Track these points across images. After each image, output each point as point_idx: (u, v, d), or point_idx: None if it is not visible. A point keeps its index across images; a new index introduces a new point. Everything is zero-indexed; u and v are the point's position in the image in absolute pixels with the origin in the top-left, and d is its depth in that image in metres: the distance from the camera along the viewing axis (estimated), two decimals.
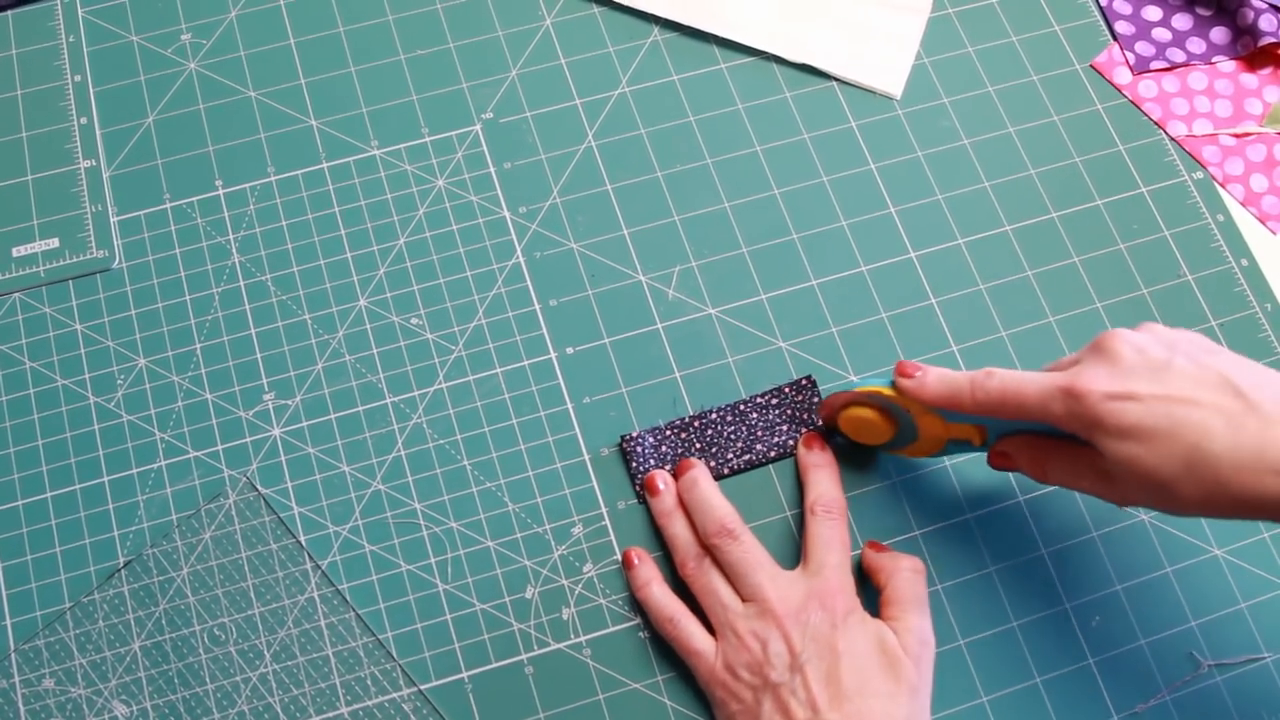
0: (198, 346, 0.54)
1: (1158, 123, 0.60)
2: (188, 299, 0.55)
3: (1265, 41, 0.60)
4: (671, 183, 0.58)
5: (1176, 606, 0.51)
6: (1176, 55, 0.61)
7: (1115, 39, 0.62)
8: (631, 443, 0.52)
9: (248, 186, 0.57)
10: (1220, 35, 0.62)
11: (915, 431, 0.48)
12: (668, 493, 0.51)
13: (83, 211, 0.57)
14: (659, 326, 0.55)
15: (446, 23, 0.61)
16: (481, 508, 0.52)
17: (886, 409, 0.48)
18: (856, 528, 0.52)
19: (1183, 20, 0.62)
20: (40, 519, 0.51)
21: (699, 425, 0.53)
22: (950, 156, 0.59)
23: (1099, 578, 0.51)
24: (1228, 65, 0.61)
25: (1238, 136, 0.60)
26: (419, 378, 0.54)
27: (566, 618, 0.50)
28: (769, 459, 0.52)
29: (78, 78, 0.59)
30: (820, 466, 0.51)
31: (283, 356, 0.54)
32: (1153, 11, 0.62)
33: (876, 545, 0.50)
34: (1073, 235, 0.57)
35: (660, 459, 0.52)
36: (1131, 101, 0.60)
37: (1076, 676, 0.50)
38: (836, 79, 0.60)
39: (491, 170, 0.58)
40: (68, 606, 0.50)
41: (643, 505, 0.52)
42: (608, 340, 0.55)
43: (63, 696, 0.49)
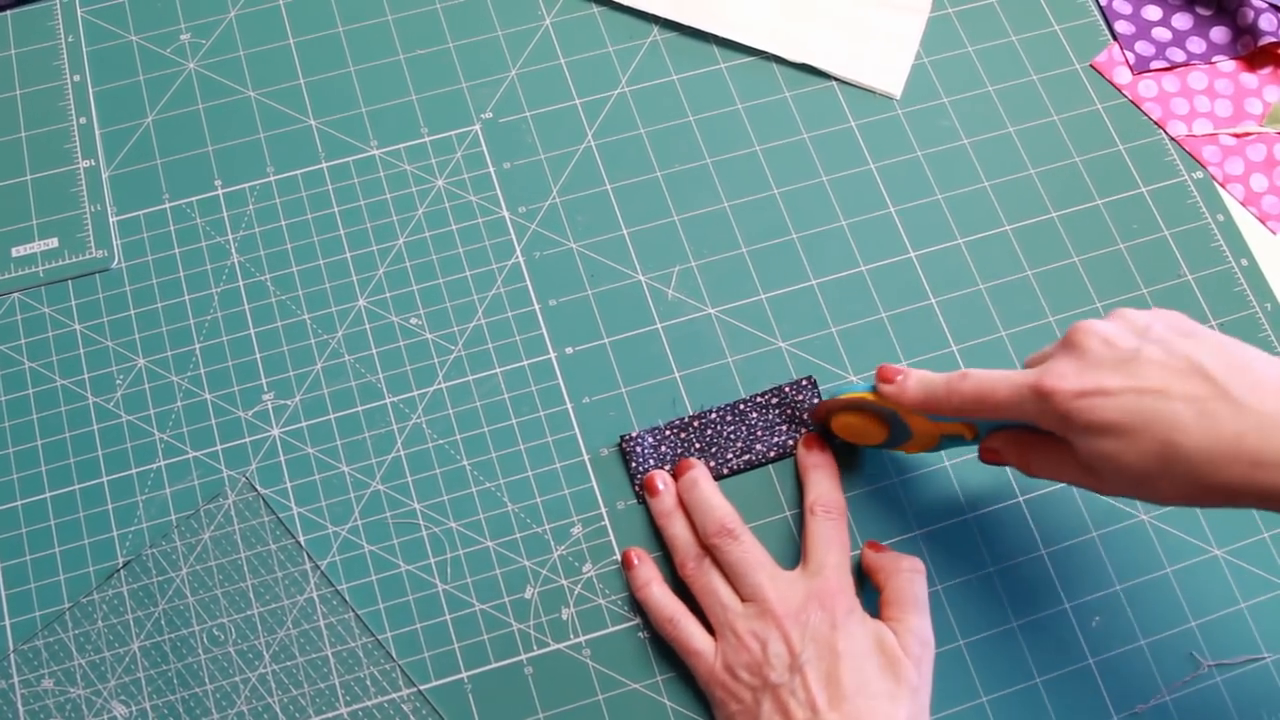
0: (197, 346, 0.54)
1: (1158, 122, 0.60)
2: (187, 299, 0.55)
3: (1265, 41, 0.60)
4: (671, 182, 0.58)
5: (1176, 607, 0.51)
6: (1176, 55, 0.61)
7: (1115, 38, 0.62)
8: (631, 443, 0.52)
9: (247, 186, 0.57)
10: (1220, 35, 0.62)
11: (908, 430, 0.48)
12: (667, 493, 0.51)
13: (82, 211, 0.57)
14: (658, 326, 0.55)
15: (446, 23, 0.61)
16: (481, 508, 0.52)
17: (876, 412, 0.48)
18: (856, 528, 0.52)
19: (1183, 20, 0.62)
20: (39, 519, 0.51)
21: (699, 425, 0.53)
22: (950, 156, 0.59)
23: (1099, 578, 0.51)
24: (1228, 65, 0.61)
25: (1238, 136, 0.60)
26: (418, 378, 0.54)
27: (566, 618, 0.50)
28: (769, 459, 0.52)
29: (77, 78, 0.59)
30: (820, 467, 0.51)
31: (282, 356, 0.54)
32: (1153, 11, 0.62)
33: (876, 545, 0.50)
34: (1072, 235, 0.57)
35: (660, 459, 0.52)
36: (1131, 101, 0.60)
37: (1076, 677, 0.50)
38: (836, 79, 0.60)
39: (491, 170, 0.58)
40: (67, 607, 0.50)
41: (642, 505, 0.52)
42: (607, 340, 0.55)
43: (62, 697, 0.49)
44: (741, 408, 0.53)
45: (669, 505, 0.51)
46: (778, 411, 0.53)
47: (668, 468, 0.52)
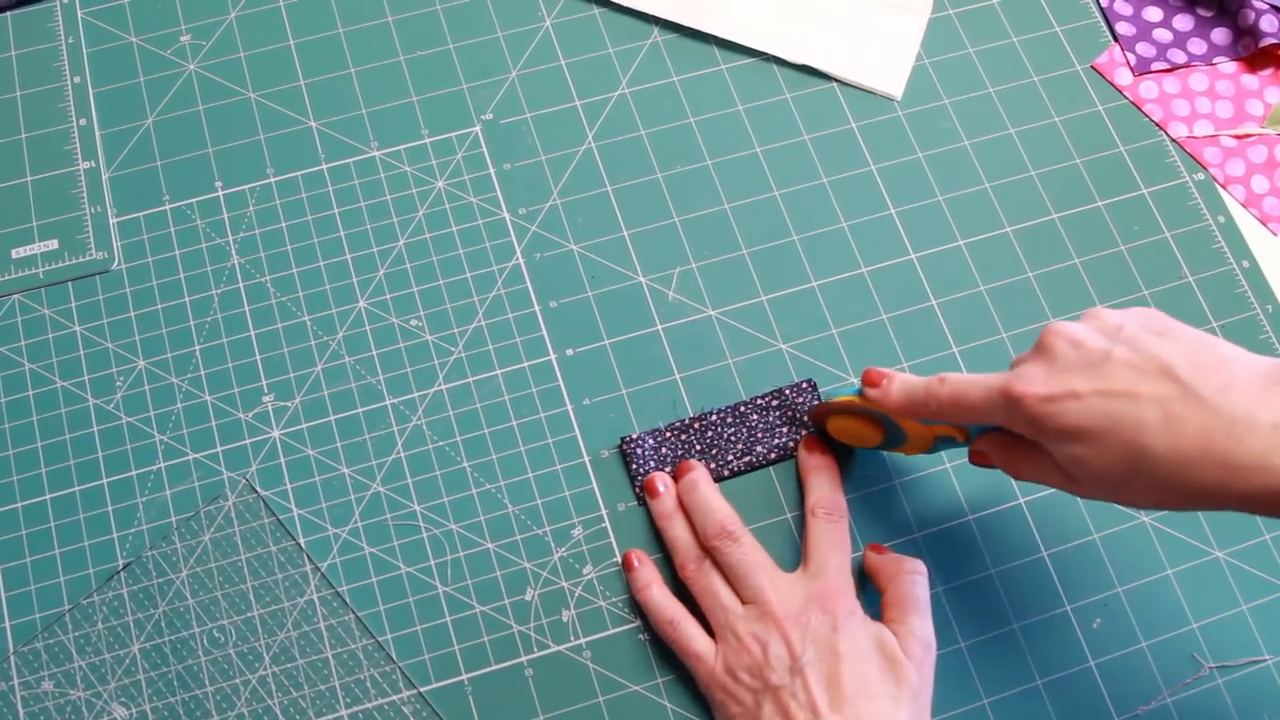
0: (197, 348, 0.54)
1: (1159, 124, 0.60)
2: (187, 300, 0.55)
3: (1266, 42, 0.60)
4: (671, 184, 0.58)
5: (1178, 609, 0.51)
6: (1177, 56, 0.61)
7: (1116, 40, 0.62)
8: (631, 444, 0.52)
9: (247, 188, 0.57)
10: (1221, 36, 0.62)
11: (902, 432, 0.48)
12: (668, 495, 0.51)
13: (82, 213, 0.57)
14: (659, 328, 0.55)
15: (446, 24, 0.61)
16: (481, 510, 0.52)
17: (869, 416, 0.48)
18: (857, 530, 0.52)
19: (1184, 21, 0.62)
20: (39, 521, 0.51)
21: (699, 427, 0.53)
22: (951, 157, 0.59)
23: (1100, 580, 0.51)
24: (1229, 66, 0.61)
25: (1239, 138, 0.60)
26: (419, 379, 0.54)
27: (566, 620, 0.50)
28: (769, 461, 0.52)
29: (77, 79, 0.59)
30: (821, 468, 0.51)
31: (282, 358, 0.54)
32: (1154, 12, 0.62)
33: (877, 548, 0.50)
34: (1073, 236, 0.57)
35: (660, 461, 0.52)
36: (1132, 103, 0.60)
37: (1078, 679, 0.49)
38: (837, 80, 0.60)
39: (491, 171, 0.58)
40: (67, 609, 0.50)
41: (643, 507, 0.52)
42: (608, 342, 0.55)
43: (62, 699, 0.49)
44: (742, 409, 0.53)
45: (669, 507, 0.51)
46: (778, 413, 0.53)
47: (668, 469, 0.52)
